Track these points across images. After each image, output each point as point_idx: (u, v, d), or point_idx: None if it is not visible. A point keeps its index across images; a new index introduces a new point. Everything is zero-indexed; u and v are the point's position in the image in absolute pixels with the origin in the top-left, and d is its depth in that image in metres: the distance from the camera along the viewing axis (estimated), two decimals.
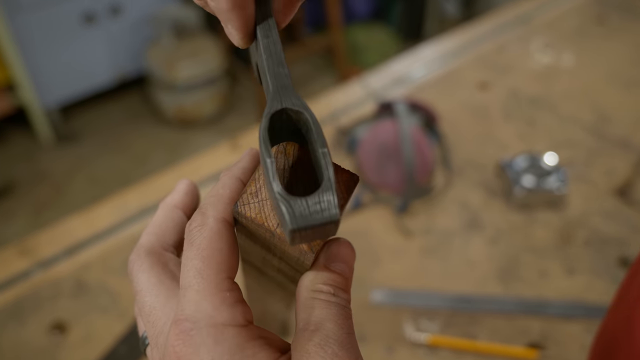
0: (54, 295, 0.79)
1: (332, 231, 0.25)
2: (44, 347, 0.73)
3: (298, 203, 0.24)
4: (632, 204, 0.90)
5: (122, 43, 2.66)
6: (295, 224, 0.24)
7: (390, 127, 0.93)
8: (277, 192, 0.24)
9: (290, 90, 0.27)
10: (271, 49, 0.28)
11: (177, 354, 0.26)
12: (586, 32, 1.32)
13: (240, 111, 2.87)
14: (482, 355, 0.71)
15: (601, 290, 0.78)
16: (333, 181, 0.25)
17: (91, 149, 2.62)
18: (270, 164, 0.25)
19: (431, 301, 0.77)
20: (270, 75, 0.28)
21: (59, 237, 0.86)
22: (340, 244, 0.30)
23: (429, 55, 1.25)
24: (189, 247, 0.29)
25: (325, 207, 0.24)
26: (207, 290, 0.27)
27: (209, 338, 0.26)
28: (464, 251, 0.84)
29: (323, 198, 0.25)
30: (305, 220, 0.24)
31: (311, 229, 0.24)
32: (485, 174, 0.95)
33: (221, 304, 0.27)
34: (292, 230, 0.24)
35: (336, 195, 0.25)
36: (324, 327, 0.27)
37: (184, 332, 0.26)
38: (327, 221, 0.24)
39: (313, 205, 0.24)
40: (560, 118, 1.07)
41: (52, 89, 2.55)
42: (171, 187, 0.94)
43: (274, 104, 0.27)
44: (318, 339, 0.27)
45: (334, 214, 0.24)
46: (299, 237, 0.25)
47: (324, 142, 0.26)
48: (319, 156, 0.26)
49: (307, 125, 0.27)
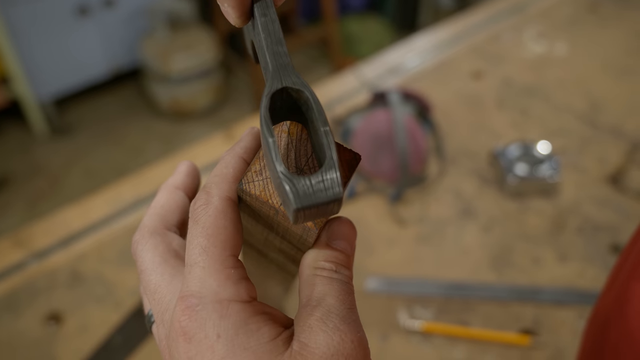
0: (49, 286, 0.79)
1: (336, 209, 0.25)
2: (40, 338, 0.74)
3: (301, 182, 0.24)
4: (624, 191, 0.90)
5: (117, 35, 2.65)
6: (299, 203, 0.24)
7: (384, 117, 0.93)
8: (280, 171, 0.24)
9: (290, 69, 0.27)
10: (269, 28, 0.28)
11: (184, 329, 0.27)
12: (580, 21, 1.32)
13: (235, 103, 2.87)
14: (475, 341, 0.72)
15: (593, 276, 0.79)
16: (336, 160, 0.25)
17: (86, 142, 2.62)
18: (272, 144, 0.25)
19: (425, 289, 0.77)
20: (269, 54, 0.28)
21: (54, 228, 0.87)
22: (342, 222, 0.31)
23: (423, 45, 1.25)
24: (194, 225, 0.29)
25: (328, 186, 0.24)
26: (213, 267, 0.28)
27: (214, 313, 0.26)
28: (458, 239, 0.84)
29: (326, 176, 0.25)
30: (309, 199, 0.24)
31: (315, 207, 0.24)
32: (478, 162, 0.96)
33: (226, 280, 0.27)
34: (296, 209, 0.24)
35: (339, 174, 0.25)
36: (326, 302, 0.28)
37: (189, 308, 0.27)
38: (331, 199, 0.24)
39: (316, 184, 0.24)
40: (554, 107, 1.07)
41: (46, 82, 2.54)
42: (166, 177, 0.94)
43: (274, 83, 0.27)
44: (320, 313, 0.27)
45: (337, 192, 0.24)
46: (302, 216, 0.25)
47: (326, 121, 0.26)
48: (321, 135, 0.26)
49: (307, 104, 0.27)
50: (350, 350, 0.26)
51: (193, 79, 2.63)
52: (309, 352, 0.26)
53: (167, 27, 2.58)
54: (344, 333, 0.27)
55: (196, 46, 2.60)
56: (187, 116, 2.74)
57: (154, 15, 2.57)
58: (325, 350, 0.26)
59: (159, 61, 2.56)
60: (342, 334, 0.27)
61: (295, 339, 0.27)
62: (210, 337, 0.26)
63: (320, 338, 0.26)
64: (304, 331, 0.27)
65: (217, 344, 0.26)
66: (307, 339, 0.26)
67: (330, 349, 0.26)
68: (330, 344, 0.26)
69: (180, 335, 0.27)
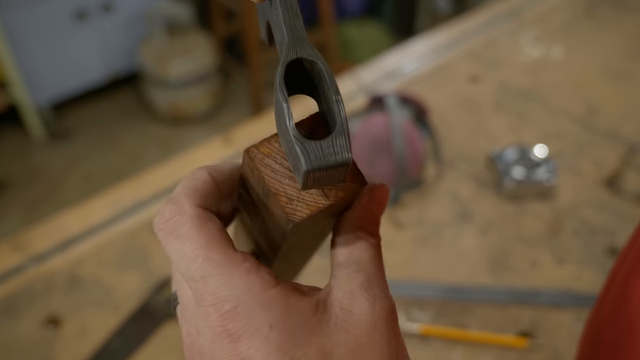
0: (48, 289, 0.79)
1: (343, 175, 0.26)
2: (38, 342, 0.74)
3: (312, 145, 0.25)
4: (621, 194, 0.91)
5: (115, 40, 2.66)
6: (309, 164, 0.25)
7: (381, 121, 0.93)
8: (293, 135, 0.25)
9: (305, 41, 0.28)
10: (287, 3, 0.29)
11: (228, 331, 0.27)
12: (576, 25, 1.32)
13: (232, 107, 2.87)
14: (473, 344, 0.72)
15: (590, 279, 0.79)
16: (346, 126, 0.26)
17: (84, 147, 2.62)
18: (287, 109, 0.26)
19: (423, 291, 0.78)
20: (286, 27, 0.29)
21: (52, 231, 0.87)
22: (384, 188, 0.32)
23: (420, 49, 1.26)
24: (176, 239, 0.29)
25: (338, 151, 0.25)
26: (229, 270, 0.28)
27: (257, 307, 0.27)
28: (455, 242, 0.85)
29: (336, 142, 0.25)
30: (319, 161, 0.25)
31: (325, 170, 0.25)
32: (475, 166, 0.96)
33: (248, 275, 0.28)
34: (306, 171, 0.25)
35: (349, 140, 0.26)
36: (366, 268, 0.29)
37: (229, 312, 0.27)
38: (340, 163, 0.25)
39: (327, 148, 0.25)
40: (550, 110, 1.08)
41: (44, 87, 2.54)
42: (165, 182, 0.94)
43: (290, 53, 0.28)
44: (361, 279, 0.29)
45: (346, 157, 0.25)
46: (311, 179, 0.25)
47: (337, 90, 0.27)
48: (332, 103, 0.27)
49: (320, 74, 0.28)
50: (388, 315, 0.28)
51: (191, 83, 2.64)
52: (354, 319, 0.28)
53: (165, 32, 2.58)
54: (383, 300, 0.29)
55: (194, 51, 2.60)
56: (185, 121, 2.74)
57: (152, 20, 2.58)
58: (369, 316, 0.28)
59: (157, 66, 2.56)
60: (381, 302, 0.28)
61: (336, 304, 0.28)
62: (262, 330, 0.26)
63: (364, 305, 0.28)
64: (347, 297, 0.28)
65: (271, 333, 0.26)
66: (350, 306, 0.28)
67: (374, 316, 0.28)
68: (373, 311, 0.28)
69: (225, 338, 0.27)
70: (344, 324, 0.27)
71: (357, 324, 0.28)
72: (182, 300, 0.30)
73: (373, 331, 0.28)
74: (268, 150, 0.29)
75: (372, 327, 0.28)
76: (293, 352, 0.26)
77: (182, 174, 0.96)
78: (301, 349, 0.26)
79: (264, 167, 0.28)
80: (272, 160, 0.29)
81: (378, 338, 0.28)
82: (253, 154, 0.29)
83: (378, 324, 0.28)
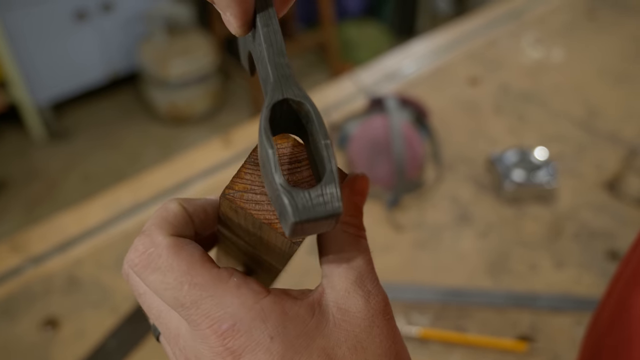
0: (46, 291, 0.79)
1: (332, 225, 0.25)
2: (36, 343, 0.73)
3: (300, 195, 0.24)
4: (621, 197, 0.90)
5: (114, 40, 2.65)
6: (297, 216, 0.23)
7: (381, 123, 0.93)
8: (279, 183, 0.24)
9: (292, 80, 0.26)
10: (272, 38, 0.27)
11: (230, 349, 0.26)
12: (577, 27, 1.32)
13: (232, 108, 2.87)
14: (472, 347, 0.72)
15: (590, 283, 0.79)
16: (336, 173, 0.24)
17: (84, 146, 2.62)
18: (272, 155, 0.24)
19: (422, 295, 0.77)
20: (270, 65, 0.27)
21: (50, 233, 0.87)
22: (364, 178, 0.32)
23: (420, 50, 1.26)
24: (154, 271, 0.28)
25: (328, 200, 0.24)
26: (218, 289, 0.27)
27: (255, 321, 0.27)
28: (455, 245, 0.84)
29: (326, 191, 0.24)
30: (307, 212, 0.24)
31: (313, 221, 0.24)
32: (475, 168, 0.96)
33: (238, 289, 0.27)
34: (294, 222, 0.23)
35: (339, 188, 0.24)
36: (357, 264, 0.30)
37: (228, 330, 0.26)
38: (330, 214, 0.24)
39: (316, 197, 0.24)
40: (551, 113, 1.08)
41: (44, 87, 2.54)
42: (163, 183, 0.94)
43: (276, 94, 0.26)
44: (353, 276, 0.29)
45: (337, 207, 0.24)
46: (300, 230, 0.24)
47: (326, 134, 0.25)
48: (321, 148, 0.25)
49: (308, 116, 0.26)
50: (383, 308, 0.29)
51: (191, 83, 2.63)
52: (352, 317, 0.28)
53: (165, 32, 2.58)
54: (377, 295, 0.29)
55: (194, 51, 2.60)
56: (184, 121, 2.74)
57: (152, 20, 2.58)
58: (366, 313, 0.28)
59: (156, 66, 2.56)
60: (375, 296, 0.29)
61: (332, 304, 0.28)
62: (263, 343, 0.26)
63: (359, 303, 0.28)
64: (342, 296, 0.29)
65: (273, 344, 0.26)
66: (347, 305, 0.28)
67: (370, 311, 0.28)
68: (369, 307, 0.28)
69: (228, 356, 0.26)
70: (343, 323, 0.28)
71: (355, 322, 0.28)
72: (168, 330, 0.30)
73: (371, 326, 0.28)
74: (243, 186, 0.27)
75: (370, 322, 0.28)
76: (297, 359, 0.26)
77: (182, 175, 0.96)
78: (304, 355, 0.27)
79: (246, 204, 0.27)
80: (252, 194, 0.27)
81: (377, 332, 0.28)
82: (231, 195, 0.27)
83: (375, 318, 0.28)
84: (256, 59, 0.29)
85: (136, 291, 0.31)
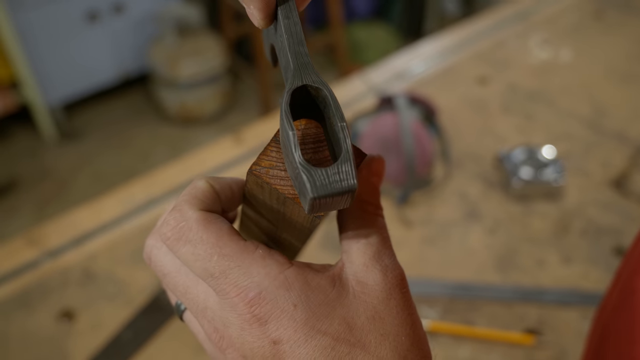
0: (62, 284, 0.81)
1: (349, 201, 0.27)
2: (53, 335, 0.75)
3: (318, 173, 0.26)
4: (628, 195, 0.91)
5: (125, 41, 2.68)
6: (315, 192, 0.25)
7: (390, 121, 0.94)
8: (299, 162, 0.26)
9: (310, 68, 0.29)
10: (292, 29, 0.30)
11: (257, 316, 0.28)
12: (584, 28, 1.33)
13: (242, 108, 2.89)
14: (480, 341, 0.73)
15: (597, 278, 0.80)
16: (351, 153, 0.26)
17: (94, 146, 2.64)
18: (293, 136, 0.26)
19: (431, 289, 0.79)
20: (291, 54, 0.29)
21: (66, 227, 0.88)
22: (380, 160, 0.34)
23: (429, 51, 1.27)
24: (185, 244, 0.30)
25: (344, 177, 0.26)
26: (245, 260, 0.29)
27: (279, 290, 0.28)
28: (463, 241, 0.86)
29: (342, 169, 0.26)
30: (325, 189, 0.26)
31: (330, 197, 0.26)
32: (483, 166, 0.97)
33: (264, 260, 0.29)
34: (313, 198, 0.25)
35: (354, 166, 0.26)
36: (375, 240, 0.31)
37: (255, 298, 0.28)
38: (346, 190, 0.26)
39: (332, 175, 0.26)
40: (558, 112, 1.09)
41: (55, 87, 2.56)
42: (176, 179, 0.96)
43: (295, 80, 0.28)
44: (372, 252, 0.31)
45: (352, 184, 0.26)
46: (317, 205, 0.26)
47: (342, 117, 0.27)
48: (337, 130, 0.27)
49: (325, 101, 0.28)
50: (399, 282, 0.31)
51: (201, 84, 2.65)
52: (371, 290, 0.30)
53: (175, 33, 2.60)
54: (393, 269, 0.31)
55: (204, 52, 2.62)
56: (194, 121, 2.76)
57: (163, 22, 2.60)
58: (383, 286, 0.30)
59: (167, 67, 2.58)
60: (392, 271, 0.31)
61: (352, 277, 0.30)
62: (287, 310, 0.28)
63: (377, 276, 0.30)
64: (361, 270, 0.30)
65: (296, 311, 0.28)
66: (365, 278, 0.30)
67: (387, 284, 0.30)
68: (386, 280, 0.30)
69: (254, 322, 0.28)
70: (362, 295, 0.29)
71: (373, 294, 0.30)
72: (196, 304, 0.31)
73: (388, 298, 0.30)
74: (269, 162, 0.29)
75: (387, 294, 0.30)
76: (319, 326, 0.28)
77: (194, 172, 0.97)
78: (326, 322, 0.28)
79: (272, 179, 0.29)
80: (277, 170, 0.29)
81: (394, 304, 0.30)
82: (257, 171, 0.29)
83: (392, 291, 0.30)
84: (278, 49, 0.31)
85: (160, 272, 0.33)
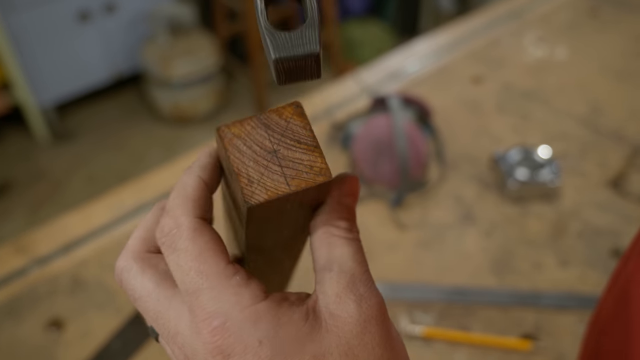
0: (51, 292, 0.79)
1: (313, 69, 0.27)
2: (41, 344, 0.74)
3: (282, 36, 0.26)
4: (625, 195, 0.90)
5: (118, 41, 2.66)
6: (277, 53, 0.26)
7: (384, 122, 0.93)
8: (264, 26, 0.26)
9: None
10: None
11: (219, 348, 0.26)
12: (579, 26, 1.32)
13: (236, 108, 2.87)
14: (476, 346, 0.72)
15: (594, 281, 0.79)
16: (317, 20, 0.27)
17: (88, 147, 2.63)
18: (260, 2, 0.27)
19: (426, 294, 0.77)
20: None
21: (55, 234, 0.87)
22: (352, 178, 0.32)
23: (423, 50, 1.26)
24: (174, 252, 0.29)
25: (307, 42, 0.26)
26: (219, 284, 0.27)
27: (246, 323, 0.27)
28: (459, 244, 0.84)
29: (305, 33, 0.26)
30: (286, 51, 0.26)
31: (293, 61, 0.26)
32: (479, 167, 0.96)
33: (238, 288, 0.27)
34: (275, 59, 0.26)
35: (318, 33, 0.26)
36: (347, 266, 0.29)
37: (219, 327, 0.27)
38: (308, 54, 0.26)
39: (296, 39, 0.26)
40: (554, 111, 1.08)
41: (47, 88, 2.55)
42: (167, 184, 0.94)
43: None
44: (345, 281, 0.28)
45: (314, 49, 0.26)
46: (281, 70, 0.26)
47: None
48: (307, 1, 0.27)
49: None
50: (376, 313, 0.28)
51: (194, 84, 2.64)
52: (344, 323, 0.27)
53: (168, 33, 2.59)
54: (369, 299, 0.28)
55: (197, 51, 2.61)
56: (188, 121, 2.74)
57: (155, 21, 2.58)
58: (357, 318, 0.28)
59: (160, 66, 2.57)
60: (368, 300, 0.28)
61: (324, 310, 0.28)
62: (251, 346, 0.26)
63: (350, 307, 0.28)
64: (333, 302, 0.28)
65: (261, 349, 0.26)
66: (338, 310, 0.28)
67: (362, 316, 0.28)
68: (360, 312, 0.28)
69: (218, 354, 0.27)
70: (335, 329, 0.27)
71: (346, 328, 0.27)
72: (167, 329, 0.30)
73: (363, 332, 0.28)
74: (238, 131, 0.29)
75: (362, 328, 0.28)
76: None
77: None
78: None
79: (231, 147, 0.28)
80: (241, 142, 0.28)
81: (369, 339, 0.28)
82: (223, 132, 0.29)
83: (367, 324, 0.28)
84: None
85: (131, 296, 0.32)
